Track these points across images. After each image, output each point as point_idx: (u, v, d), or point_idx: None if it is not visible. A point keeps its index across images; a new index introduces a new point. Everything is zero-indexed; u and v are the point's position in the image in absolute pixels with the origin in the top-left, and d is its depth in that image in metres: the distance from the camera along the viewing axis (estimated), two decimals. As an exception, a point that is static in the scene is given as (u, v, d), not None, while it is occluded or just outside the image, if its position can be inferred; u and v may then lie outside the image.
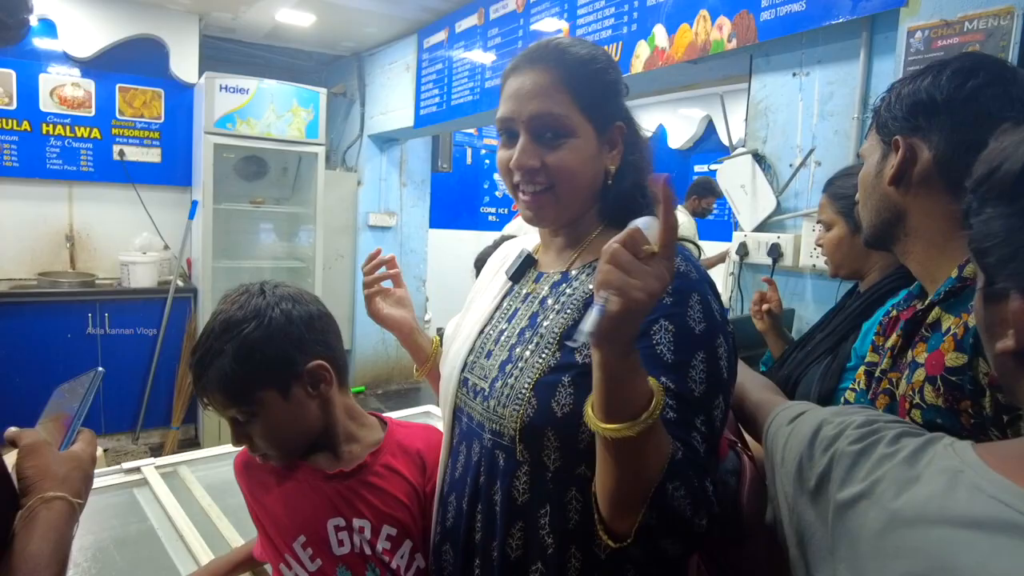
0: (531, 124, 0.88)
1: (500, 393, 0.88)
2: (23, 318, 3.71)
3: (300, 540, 0.99)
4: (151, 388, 4.11)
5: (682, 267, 0.83)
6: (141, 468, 1.62)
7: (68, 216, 4.19)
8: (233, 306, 0.97)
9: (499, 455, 0.87)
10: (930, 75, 0.90)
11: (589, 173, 0.90)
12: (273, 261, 4.55)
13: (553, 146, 0.88)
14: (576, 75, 0.88)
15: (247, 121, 3.98)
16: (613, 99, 0.92)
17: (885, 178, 0.93)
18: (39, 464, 0.71)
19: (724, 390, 0.80)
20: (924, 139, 0.89)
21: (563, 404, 0.81)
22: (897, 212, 0.94)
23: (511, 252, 1.07)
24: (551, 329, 0.88)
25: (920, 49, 1.75)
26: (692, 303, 0.80)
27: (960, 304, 0.84)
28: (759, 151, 2.27)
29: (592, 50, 0.92)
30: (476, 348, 0.99)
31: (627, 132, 0.93)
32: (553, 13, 3.11)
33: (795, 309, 2.15)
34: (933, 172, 0.89)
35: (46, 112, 4.00)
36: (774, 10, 2.13)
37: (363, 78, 4.99)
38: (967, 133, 0.86)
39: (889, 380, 0.95)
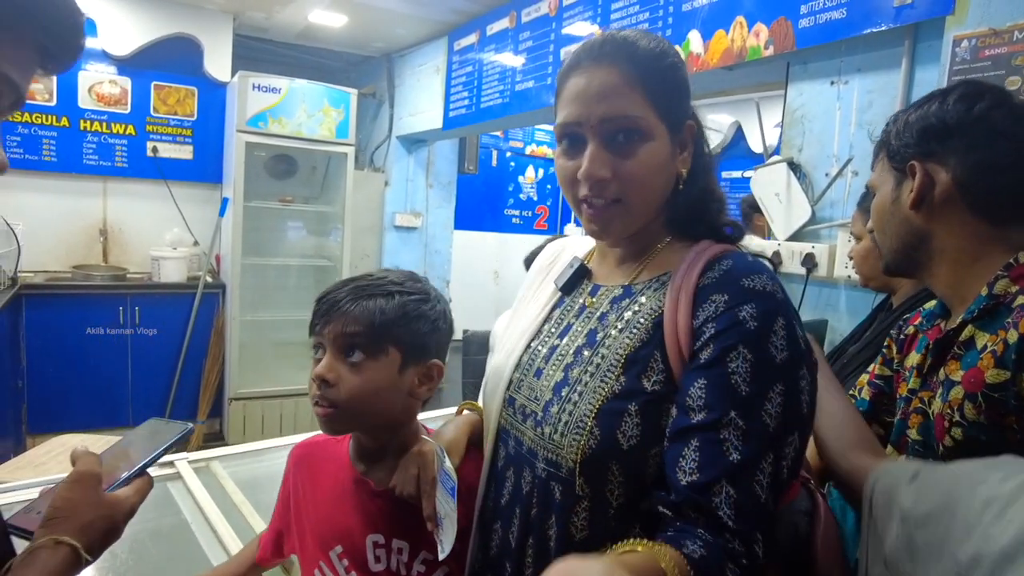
0: (602, 128, 0.79)
1: (557, 419, 0.80)
2: (57, 309, 3.79)
3: (337, 550, 0.98)
4: (178, 382, 4.17)
5: (768, 286, 0.75)
6: (175, 462, 1.64)
7: (102, 210, 4.27)
8: (409, 279, 1.01)
9: (555, 487, 0.79)
10: (935, 101, 0.93)
11: (662, 180, 0.83)
12: (301, 259, 4.59)
13: (625, 152, 0.79)
14: (649, 71, 0.79)
15: (279, 120, 4.02)
16: (686, 96, 0.85)
17: (904, 203, 0.95)
18: (73, 499, 0.68)
19: (801, 426, 0.73)
20: (940, 163, 0.92)
21: (629, 436, 0.74)
22: (920, 236, 0.96)
23: (561, 255, 1.01)
24: (614, 350, 0.79)
25: (966, 59, 1.72)
26: (776, 327, 0.72)
27: (995, 321, 0.85)
28: (794, 159, 2.24)
29: (661, 43, 0.83)
30: (523, 364, 0.91)
31: (696, 131, 0.86)
32: (586, 17, 3.11)
33: (828, 320, 2.12)
34: (954, 193, 0.91)
35: (84, 109, 4.08)
36: (813, 17, 2.11)
37: (393, 79, 5.02)
38: (982, 153, 0.89)
39: (921, 400, 0.96)
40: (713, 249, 0.81)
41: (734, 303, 0.73)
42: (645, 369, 0.76)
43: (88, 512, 0.67)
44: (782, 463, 0.70)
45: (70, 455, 0.74)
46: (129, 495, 0.73)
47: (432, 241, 5.30)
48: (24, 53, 0.58)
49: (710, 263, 0.78)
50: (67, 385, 3.84)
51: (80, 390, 3.89)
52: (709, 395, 0.70)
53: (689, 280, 0.77)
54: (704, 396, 0.70)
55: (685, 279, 0.78)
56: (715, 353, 0.71)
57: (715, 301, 0.74)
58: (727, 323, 0.72)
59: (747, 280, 0.75)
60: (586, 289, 0.92)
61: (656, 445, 0.74)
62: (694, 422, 0.69)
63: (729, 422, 0.68)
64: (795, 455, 0.72)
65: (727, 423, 0.68)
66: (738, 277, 0.75)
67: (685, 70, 0.86)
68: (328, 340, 0.94)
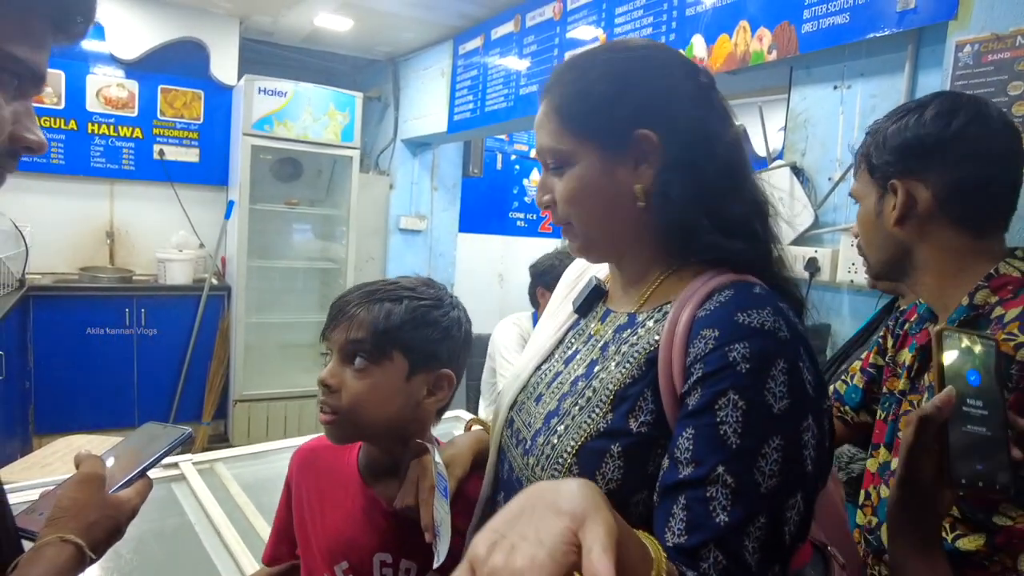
0: (540, 159, 0.84)
1: (540, 452, 0.77)
2: (64, 311, 3.82)
3: (343, 566, 0.95)
4: (183, 384, 4.19)
5: (767, 323, 0.66)
6: (179, 464, 1.66)
7: (109, 213, 4.30)
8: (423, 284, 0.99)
9: None
10: (913, 116, 0.96)
11: (601, 197, 0.78)
12: (306, 262, 4.61)
13: (558, 176, 0.81)
14: (565, 96, 0.79)
15: (284, 123, 4.04)
16: (621, 106, 0.76)
17: (888, 220, 0.98)
18: (78, 499, 0.69)
19: (805, 487, 0.64)
20: (920, 180, 0.95)
21: (609, 478, 0.69)
22: (903, 249, 0.99)
23: (586, 272, 0.97)
24: (605, 384, 0.75)
25: (969, 64, 1.72)
26: (775, 372, 0.64)
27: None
28: (797, 164, 2.25)
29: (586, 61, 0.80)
30: (529, 386, 0.89)
31: (665, 140, 0.75)
32: (590, 21, 3.12)
33: (831, 324, 2.12)
34: (935, 210, 0.94)
35: (92, 112, 4.11)
36: (816, 22, 2.11)
37: (398, 83, 5.04)
38: (961, 170, 0.93)
39: (910, 403, 0.99)
40: (719, 279, 0.73)
41: (724, 341, 0.66)
42: (633, 408, 0.71)
43: (93, 512, 0.69)
44: (782, 527, 0.62)
45: (74, 458, 0.75)
46: (131, 496, 0.75)
47: (437, 244, 5.32)
48: (33, 26, 0.55)
49: (710, 294, 0.71)
50: (73, 386, 3.86)
51: (86, 391, 3.91)
52: (697, 447, 0.63)
53: (685, 313, 0.71)
54: (692, 448, 0.64)
55: (684, 311, 0.72)
56: (704, 400, 0.65)
57: (705, 337, 0.67)
58: (716, 364, 0.65)
59: (743, 315, 0.67)
60: (599, 313, 0.88)
61: (639, 492, 0.69)
62: (681, 477, 0.64)
63: (717, 478, 0.62)
64: (799, 518, 0.64)
65: (714, 479, 0.62)
66: (733, 311, 0.68)
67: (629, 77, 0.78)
68: (335, 345, 0.93)
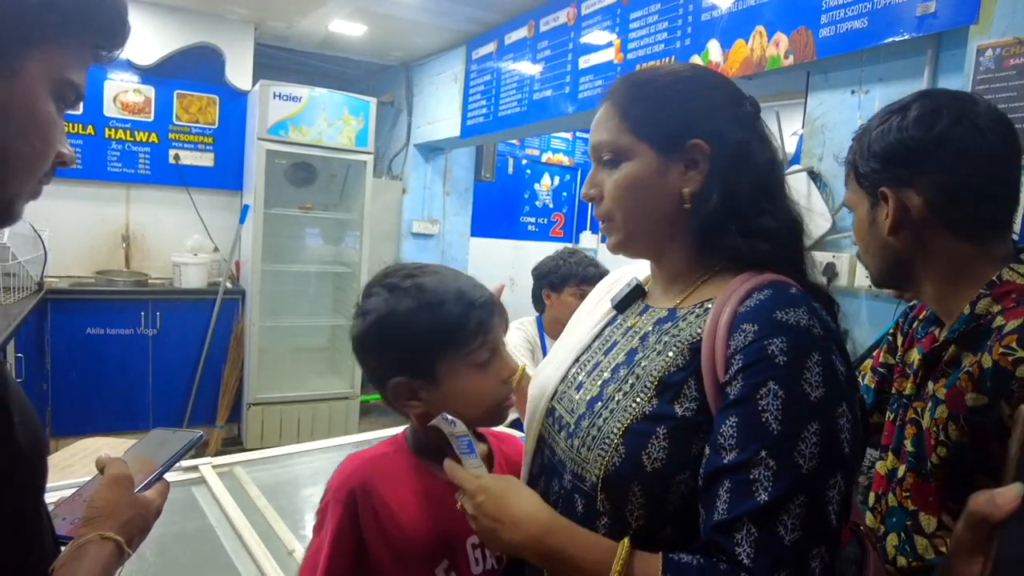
0: (592, 155, 0.90)
1: (586, 433, 0.82)
2: (81, 314, 3.85)
3: (443, 565, 0.92)
4: (198, 387, 4.21)
5: (803, 320, 0.72)
6: (199, 467, 1.67)
7: (125, 217, 4.34)
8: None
9: (578, 500, 0.81)
10: (896, 119, 0.92)
11: (649, 196, 0.84)
12: (319, 265, 4.63)
13: (608, 172, 0.87)
14: (630, 98, 0.86)
15: (299, 128, 4.06)
16: (682, 115, 0.84)
17: (883, 229, 0.95)
18: (112, 499, 0.72)
19: (844, 467, 0.69)
20: (910, 187, 0.92)
21: (654, 458, 0.74)
22: (901, 258, 0.97)
23: (622, 279, 1.03)
24: (649, 371, 0.80)
25: (991, 68, 1.72)
26: (810, 364, 0.69)
27: (977, 342, 0.86)
28: (815, 169, 2.24)
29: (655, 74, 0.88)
30: (568, 377, 0.93)
31: (715, 151, 0.83)
32: (604, 27, 3.12)
33: (849, 330, 2.11)
34: (929, 216, 0.92)
35: (109, 117, 4.16)
36: (834, 27, 2.11)
37: (411, 87, 5.07)
38: (950, 174, 0.90)
39: (915, 410, 0.97)
40: (759, 278, 0.79)
41: (763, 335, 0.71)
42: (678, 395, 0.76)
43: (127, 510, 0.72)
44: (826, 507, 0.67)
45: (96, 461, 0.78)
46: (154, 497, 0.78)
47: (449, 248, 5.33)
48: (84, 54, 0.63)
49: (750, 292, 0.77)
50: (89, 389, 3.89)
51: (102, 393, 3.94)
52: (740, 434, 0.69)
53: (727, 308, 0.76)
54: (736, 435, 0.69)
55: (726, 307, 0.77)
56: (745, 390, 0.70)
57: (745, 331, 0.73)
58: (755, 356, 0.71)
59: (780, 313, 0.72)
60: (637, 309, 0.94)
61: (682, 472, 0.73)
62: (726, 462, 0.69)
63: (759, 461, 0.67)
64: (841, 497, 0.68)
65: (757, 462, 0.67)
66: (772, 309, 0.73)
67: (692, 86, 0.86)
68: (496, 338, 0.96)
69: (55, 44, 0.59)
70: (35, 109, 0.58)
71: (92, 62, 0.64)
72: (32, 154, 0.59)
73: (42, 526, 0.64)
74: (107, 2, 0.62)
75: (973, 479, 0.84)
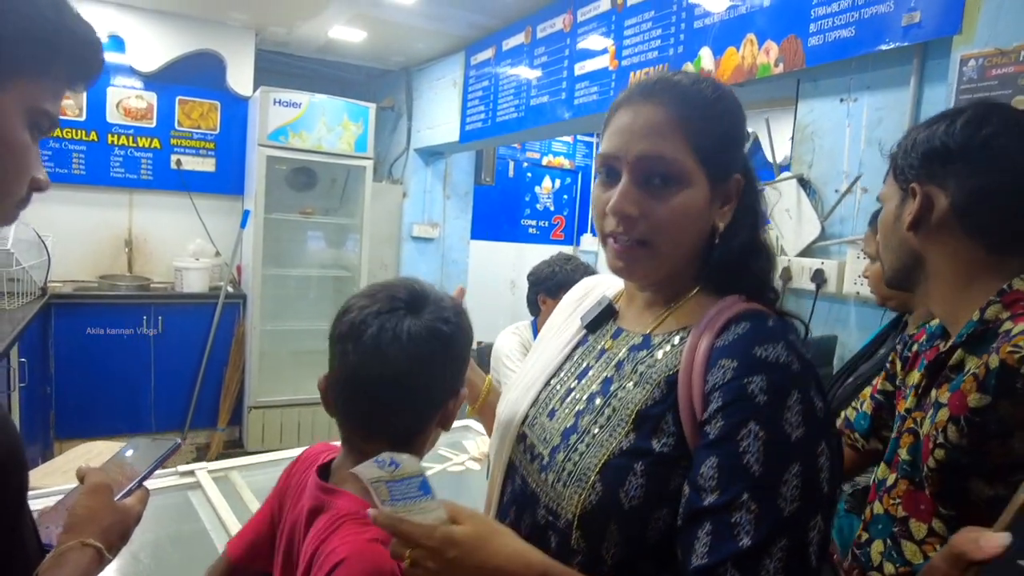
0: (637, 165, 0.77)
1: (561, 468, 0.78)
2: (84, 318, 3.90)
3: None
4: (199, 390, 4.26)
5: (782, 356, 0.70)
6: (195, 471, 1.70)
7: (128, 222, 4.38)
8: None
9: (552, 536, 0.78)
10: (944, 123, 0.92)
11: (694, 229, 0.80)
12: (320, 269, 4.67)
13: (659, 195, 0.77)
14: (697, 116, 0.78)
15: (299, 134, 4.11)
16: (735, 148, 0.82)
17: (904, 223, 0.95)
18: (92, 507, 0.75)
19: (824, 508, 0.67)
20: (940, 186, 0.92)
21: (632, 495, 0.72)
22: (916, 256, 0.97)
23: (592, 292, 0.99)
24: (626, 403, 0.77)
25: (973, 78, 1.74)
26: (791, 403, 0.68)
27: (983, 346, 0.86)
28: (804, 176, 2.26)
29: (718, 90, 0.81)
30: (540, 401, 0.90)
31: (745, 187, 0.82)
32: (600, 33, 3.15)
33: (838, 336, 2.13)
34: (951, 218, 0.91)
35: (112, 123, 4.20)
36: (822, 36, 2.13)
37: (411, 92, 5.10)
38: (982, 179, 0.89)
39: (914, 420, 0.97)
40: (736, 308, 0.77)
41: (742, 372, 0.70)
42: (656, 429, 0.74)
43: (107, 517, 0.75)
44: (807, 549, 0.65)
45: (76, 471, 0.81)
46: (134, 504, 0.81)
47: (449, 252, 5.37)
48: (59, 86, 0.66)
49: (727, 324, 0.75)
50: (93, 392, 3.94)
51: (105, 397, 3.99)
52: (721, 475, 0.67)
53: (704, 341, 0.74)
54: (717, 476, 0.67)
55: (702, 339, 0.75)
56: (725, 429, 0.68)
57: (724, 367, 0.71)
58: (734, 395, 0.69)
59: (760, 349, 0.71)
60: (609, 330, 0.90)
61: (659, 509, 0.72)
62: (706, 504, 0.67)
63: (741, 504, 0.65)
64: (821, 538, 0.66)
65: (739, 505, 0.65)
66: (751, 344, 0.71)
67: (742, 121, 0.83)
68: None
69: (29, 77, 0.62)
70: (9, 138, 0.62)
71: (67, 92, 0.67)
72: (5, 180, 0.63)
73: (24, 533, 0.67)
74: (80, 39, 0.65)
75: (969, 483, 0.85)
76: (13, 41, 0.59)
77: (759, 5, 2.35)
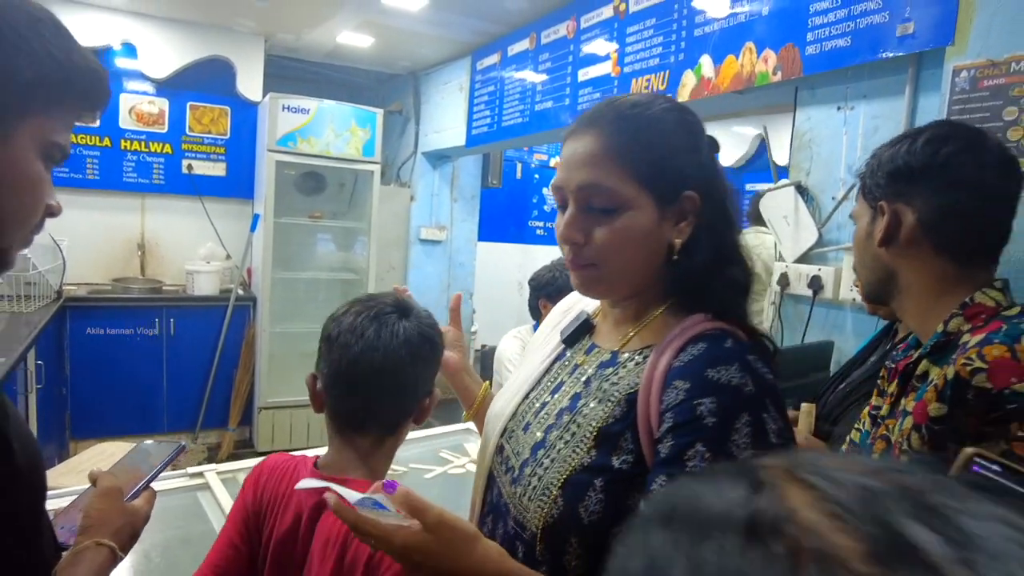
0: (579, 195, 0.81)
1: (527, 482, 0.82)
2: (98, 320, 3.99)
3: None
4: (211, 391, 4.34)
5: (735, 379, 0.71)
6: (204, 473, 1.76)
7: (140, 226, 4.47)
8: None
9: (519, 546, 0.81)
10: (907, 142, 0.98)
11: (643, 249, 0.81)
12: (329, 272, 4.74)
13: (602, 220, 0.80)
14: (632, 142, 0.80)
15: (308, 140, 4.17)
16: (681, 167, 0.81)
17: (875, 240, 1.01)
18: (105, 509, 0.81)
19: None
20: (907, 204, 0.97)
21: (591, 511, 0.74)
22: (889, 271, 1.02)
23: (575, 306, 1.02)
24: (589, 420, 0.80)
25: (965, 88, 1.76)
26: (739, 425, 0.69)
27: (945, 357, 0.91)
28: (802, 183, 2.29)
29: (659, 110, 0.82)
30: (518, 414, 0.93)
31: (703, 202, 0.81)
32: (602, 41, 3.18)
33: (835, 341, 2.16)
34: (919, 234, 0.96)
35: (125, 129, 4.29)
36: (819, 45, 2.16)
37: (419, 96, 5.15)
38: (945, 197, 0.94)
39: (886, 426, 1.02)
40: (697, 327, 0.78)
41: (693, 395, 0.71)
42: (615, 447, 0.76)
43: (118, 519, 0.81)
44: None
45: (88, 475, 0.87)
46: (142, 505, 0.86)
47: (456, 254, 5.41)
48: (69, 119, 0.71)
49: (685, 344, 0.76)
50: (107, 393, 4.03)
51: (119, 397, 4.07)
52: None
53: (663, 361, 0.76)
54: None
55: (662, 359, 0.76)
56: (674, 450, 0.70)
57: (677, 388, 0.73)
58: (685, 416, 0.71)
59: (712, 371, 0.72)
60: (584, 346, 0.93)
61: (618, 524, 0.73)
62: None
63: None
64: None
65: None
66: (704, 366, 0.73)
67: (690, 137, 0.83)
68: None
69: (42, 113, 0.66)
70: (26, 171, 0.66)
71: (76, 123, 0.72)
72: (23, 210, 0.67)
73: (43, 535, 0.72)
74: (89, 76, 0.69)
75: None
76: (27, 83, 0.63)
77: (758, 14, 2.38)
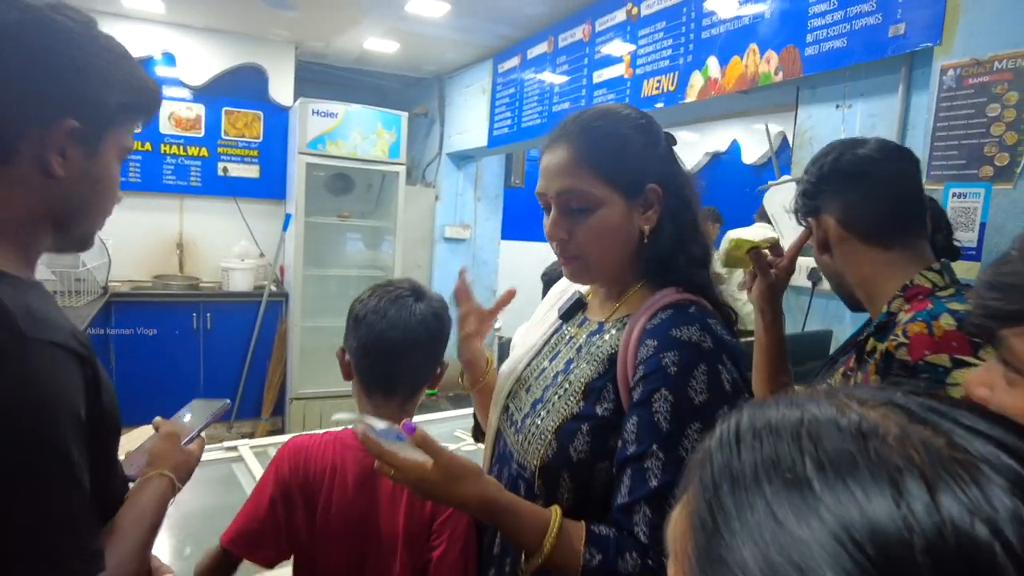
0: (558, 199, 0.95)
1: (528, 431, 0.97)
2: (139, 315, 4.23)
3: None
4: (245, 382, 4.55)
5: (695, 336, 0.86)
6: (238, 447, 1.92)
7: (179, 225, 4.70)
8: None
9: (521, 485, 0.96)
10: (808, 169, 1.16)
11: (619, 238, 0.95)
12: (357, 270, 4.91)
13: (580, 219, 0.94)
14: (597, 148, 0.94)
15: (336, 143, 4.35)
16: (642, 164, 0.95)
17: (818, 252, 1.15)
18: (166, 448, 0.97)
19: None
20: (826, 213, 1.12)
21: (579, 450, 0.89)
22: (839, 274, 1.15)
23: (571, 287, 1.15)
24: (579, 378, 0.95)
25: (952, 86, 1.84)
26: (696, 373, 0.83)
27: (887, 335, 1.01)
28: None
29: (618, 118, 0.97)
30: (522, 378, 1.08)
31: (665, 192, 0.96)
32: (616, 43, 3.29)
33: (833, 331, 2.24)
34: (843, 233, 1.10)
35: (164, 134, 4.52)
36: (817, 46, 2.25)
37: (443, 99, 5.31)
38: (846, 194, 1.10)
39: None
40: (668, 298, 0.92)
41: (660, 349, 0.85)
42: (599, 398, 0.91)
43: (176, 456, 0.96)
44: None
45: (152, 423, 1.05)
46: (195, 449, 1.02)
47: (480, 252, 5.56)
48: (134, 126, 0.86)
49: (656, 312, 0.91)
50: (147, 382, 4.23)
51: (159, 387, 4.28)
52: (639, 431, 0.83)
53: (638, 325, 0.91)
54: (636, 432, 0.83)
55: (637, 324, 0.91)
56: (644, 395, 0.84)
57: (648, 346, 0.87)
58: (653, 367, 0.85)
59: (676, 330, 0.86)
60: (578, 320, 1.08)
61: (601, 461, 0.88)
62: (628, 454, 0.83)
63: (652, 454, 0.81)
64: None
65: (650, 454, 0.81)
66: (669, 327, 0.87)
67: (646, 138, 0.97)
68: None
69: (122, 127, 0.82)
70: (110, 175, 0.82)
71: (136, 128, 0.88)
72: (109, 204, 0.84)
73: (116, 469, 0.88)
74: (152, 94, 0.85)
75: None
76: (115, 108, 0.79)
77: (761, 16, 2.47)
